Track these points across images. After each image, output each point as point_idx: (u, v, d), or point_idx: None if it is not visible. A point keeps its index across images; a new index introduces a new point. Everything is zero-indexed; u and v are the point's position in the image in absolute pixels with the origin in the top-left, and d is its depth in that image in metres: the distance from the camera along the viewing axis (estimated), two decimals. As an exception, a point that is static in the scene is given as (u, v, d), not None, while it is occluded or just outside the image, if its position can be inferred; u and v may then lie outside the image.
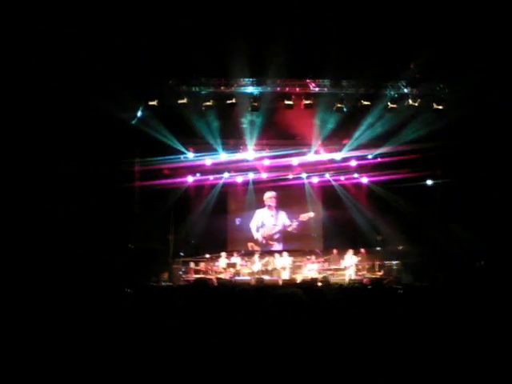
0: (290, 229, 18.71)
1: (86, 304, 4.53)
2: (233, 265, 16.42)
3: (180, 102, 13.38)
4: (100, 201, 13.17)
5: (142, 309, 4.26)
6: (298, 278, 15.18)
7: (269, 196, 18.58)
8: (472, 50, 11.01)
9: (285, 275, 16.01)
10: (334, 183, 18.46)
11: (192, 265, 16.49)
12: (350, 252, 16.45)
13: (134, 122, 13.72)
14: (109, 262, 12.18)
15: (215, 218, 18.15)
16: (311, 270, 16.34)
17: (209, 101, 13.48)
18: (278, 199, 18.81)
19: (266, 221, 18.74)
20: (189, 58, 12.13)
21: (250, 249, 18.17)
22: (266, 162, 17.10)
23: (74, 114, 11.74)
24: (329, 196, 18.71)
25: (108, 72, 11.25)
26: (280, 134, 15.70)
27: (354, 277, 15.76)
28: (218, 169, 17.45)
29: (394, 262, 15.95)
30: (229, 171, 17.74)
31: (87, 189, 12.81)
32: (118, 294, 5.83)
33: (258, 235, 18.60)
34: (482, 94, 11.95)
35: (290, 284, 11.00)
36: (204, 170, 17.39)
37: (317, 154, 16.64)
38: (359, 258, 16.48)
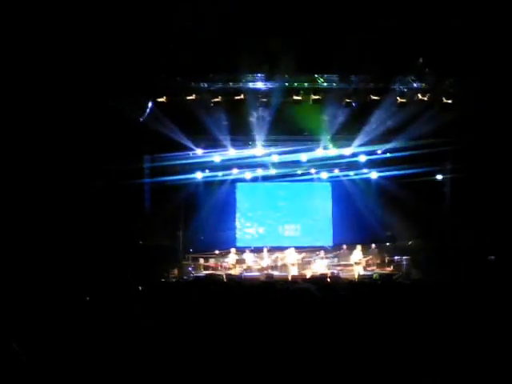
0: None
1: (96, 301, 4.56)
2: (242, 261, 16.44)
3: (188, 98, 13.38)
4: (110, 198, 13.23)
5: (152, 305, 4.29)
6: (308, 274, 15.19)
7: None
8: (481, 43, 10.92)
9: (294, 271, 16.02)
10: (343, 178, 18.42)
11: (201, 261, 16.55)
12: (360, 248, 16.42)
13: (142, 118, 13.75)
14: (119, 259, 12.24)
15: (224, 214, 18.20)
16: (320, 265, 16.33)
17: (217, 97, 13.46)
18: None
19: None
20: (197, 54, 12.12)
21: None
22: (275, 158, 17.09)
23: (84, 111, 11.78)
24: (338, 191, 18.70)
25: (117, 69, 11.28)
26: (289, 129, 15.67)
27: (363, 272, 15.74)
28: (226, 165, 17.46)
29: (404, 258, 15.90)
30: (238, 167, 17.75)
31: (97, 186, 12.88)
32: (129, 291, 5.86)
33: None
34: (492, 88, 11.86)
35: (299, 280, 11.01)
36: (213, 167, 17.41)
37: (326, 149, 16.58)
38: (369, 254, 16.45)
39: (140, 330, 3.44)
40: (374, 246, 16.79)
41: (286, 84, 13.66)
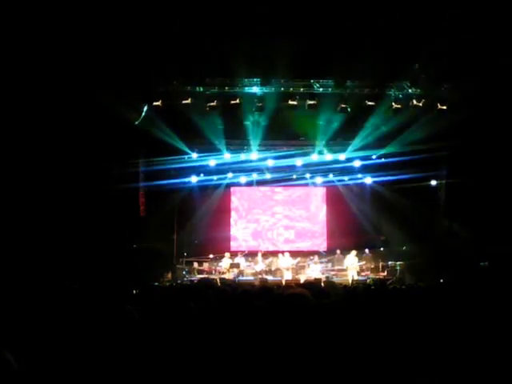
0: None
1: (90, 304, 4.55)
2: (236, 265, 16.42)
3: (184, 102, 13.38)
4: (105, 201, 13.20)
5: (146, 309, 4.27)
6: (301, 279, 15.19)
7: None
8: (477, 49, 10.99)
9: (288, 275, 16.01)
10: (337, 184, 18.46)
11: (195, 265, 16.53)
12: (354, 252, 16.43)
13: (138, 122, 13.74)
14: (113, 262, 12.21)
15: (219, 219, 18.19)
16: (314, 270, 16.34)
17: (213, 101, 13.46)
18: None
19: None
20: (193, 58, 12.13)
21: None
22: (270, 163, 17.11)
23: (80, 114, 11.77)
24: (332, 196, 18.73)
25: (113, 73, 11.27)
26: (284, 134, 15.70)
27: (357, 277, 15.76)
28: (221, 169, 17.46)
29: (398, 263, 15.94)
30: (233, 172, 17.76)
31: (92, 189, 12.85)
32: (122, 295, 5.85)
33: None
34: (487, 94, 11.92)
35: (294, 284, 10.99)
36: (208, 171, 17.41)
37: (321, 154, 16.62)
38: (363, 259, 16.47)
39: (134, 332, 3.43)
40: (368, 250, 16.82)
41: (282, 89, 13.69)
